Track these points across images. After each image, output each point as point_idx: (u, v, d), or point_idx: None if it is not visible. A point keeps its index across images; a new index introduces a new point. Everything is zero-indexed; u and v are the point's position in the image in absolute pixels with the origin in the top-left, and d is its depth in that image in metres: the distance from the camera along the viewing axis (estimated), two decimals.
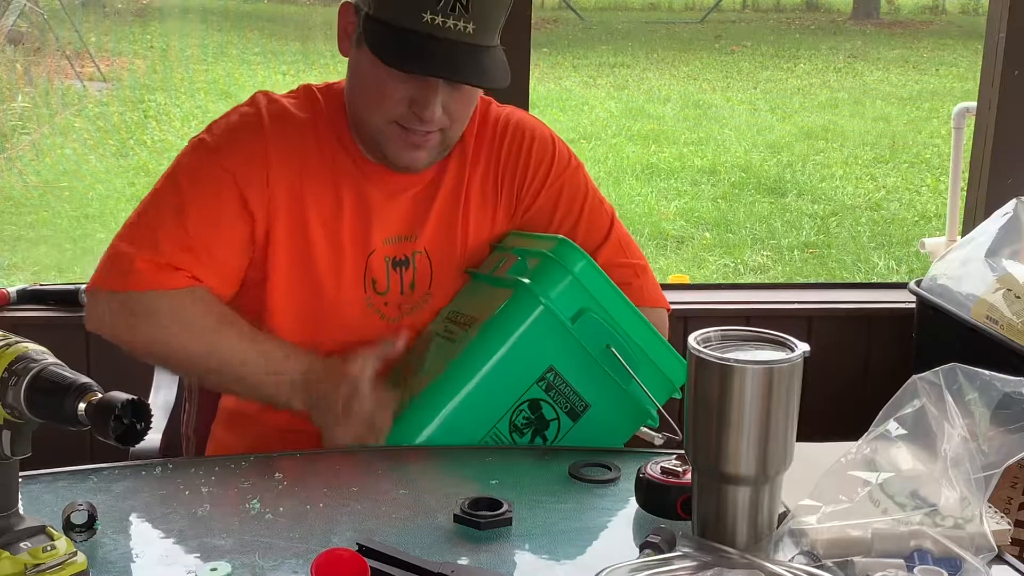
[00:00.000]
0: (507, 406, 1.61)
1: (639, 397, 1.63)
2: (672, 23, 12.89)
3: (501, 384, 1.60)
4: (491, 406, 1.60)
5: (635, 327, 1.64)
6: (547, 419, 1.63)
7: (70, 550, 1.14)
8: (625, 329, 1.63)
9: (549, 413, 1.63)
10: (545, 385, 1.61)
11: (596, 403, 1.64)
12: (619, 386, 1.63)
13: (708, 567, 1.19)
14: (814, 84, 10.15)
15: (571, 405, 1.63)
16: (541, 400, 1.62)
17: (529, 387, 1.61)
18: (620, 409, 1.65)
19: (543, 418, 1.63)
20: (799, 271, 6.00)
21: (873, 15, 13.52)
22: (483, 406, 1.60)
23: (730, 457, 1.23)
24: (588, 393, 1.63)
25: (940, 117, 8.76)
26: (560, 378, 1.62)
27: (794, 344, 1.24)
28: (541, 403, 1.62)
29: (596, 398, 1.64)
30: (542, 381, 1.61)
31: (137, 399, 1.05)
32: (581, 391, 1.63)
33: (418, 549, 1.25)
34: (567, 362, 1.61)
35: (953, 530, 1.22)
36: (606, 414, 1.65)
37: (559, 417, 1.63)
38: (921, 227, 6.67)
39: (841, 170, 7.67)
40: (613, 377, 1.62)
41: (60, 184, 6.68)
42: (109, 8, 10.48)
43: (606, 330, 1.62)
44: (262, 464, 1.48)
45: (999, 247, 2.51)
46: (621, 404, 1.64)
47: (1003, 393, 1.25)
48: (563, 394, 1.62)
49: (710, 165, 7.65)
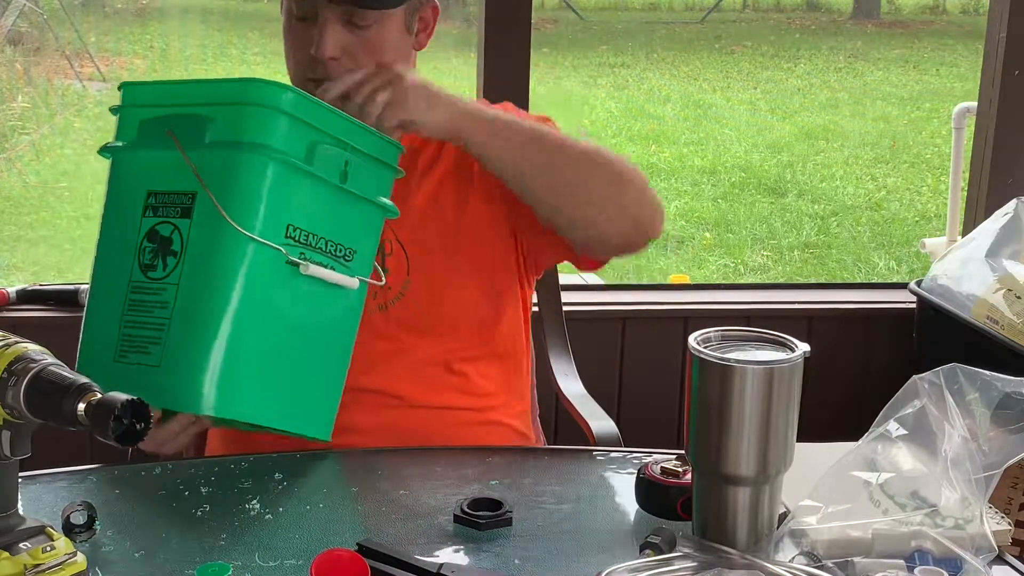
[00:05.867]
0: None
1: (380, 199, 1.48)
2: (672, 23, 12.88)
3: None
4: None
5: (356, 134, 1.44)
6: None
7: (70, 550, 1.14)
8: (351, 142, 1.43)
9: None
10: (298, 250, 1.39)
11: (346, 235, 1.45)
12: (362, 199, 1.45)
13: (708, 567, 1.19)
14: (814, 84, 10.15)
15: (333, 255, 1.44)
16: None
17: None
18: (363, 226, 1.49)
19: None
20: (799, 271, 6.00)
21: (873, 15, 13.51)
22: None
23: (730, 457, 1.23)
24: (339, 233, 1.44)
25: (940, 117, 8.76)
26: (314, 237, 1.40)
27: (794, 344, 1.24)
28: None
29: (345, 231, 1.45)
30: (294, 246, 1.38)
31: (137, 399, 1.05)
32: (335, 236, 1.43)
33: (418, 549, 1.25)
34: (312, 212, 1.40)
35: (954, 530, 1.22)
36: (356, 237, 1.47)
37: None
38: (921, 227, 6.67)
39: (841, 170, 7.68)
40: (355, 194, 1.45)
41: (60, 184, 6.68)
42: (109, 8, 10.47)
43: (339, 154, 1.42)
44: (262, 464, 1.48)
45: (999, 247, 2.51)
46: (363, 219, 1.48)
47: (1004, 393, 1.25)
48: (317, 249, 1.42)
49: (710, 165, 7.65)
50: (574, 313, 2.49)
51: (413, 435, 1.64)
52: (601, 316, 2.71)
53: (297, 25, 1.61)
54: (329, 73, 1.58)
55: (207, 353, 1.34)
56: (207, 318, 1.35)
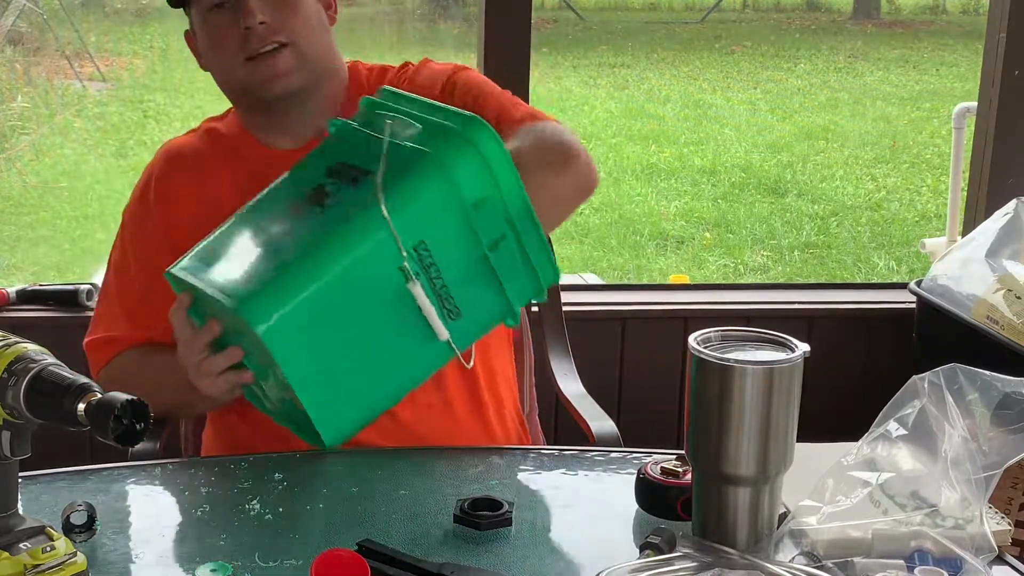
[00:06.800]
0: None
1: (511, 296, 1.48)
2: (672, 23, 12.87)
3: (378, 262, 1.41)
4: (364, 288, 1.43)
5: (526, 224, 1.46)
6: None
7: (70, 550, 1.14)
8: (518, 225, 1.45)
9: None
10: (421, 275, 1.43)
11: (464, 302, 1.46)
12: (496, 282, 1.47)
13: (708, 568, 1.19)
14: (814, 84, 10.14)
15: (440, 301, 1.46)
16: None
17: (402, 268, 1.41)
18: (482, 309, 1.49)
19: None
20: (799, 271, 6.00)
21: (873, 15, 13.50)
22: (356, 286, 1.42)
23: (730, 457, 1.23)
24: (458, 290, 1.45)
25: (940, 117, 8.75)
26: (436, 270, 1.44)
27: (794, 344, 1.24)
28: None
29: (464, 295, 1.46)
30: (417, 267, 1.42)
31: (136, 399, 1.05)
32: (453, 288, 1.45)
33: (418, 549, 1.25)
34: (450, 255, 1.43)
35: (953, 531, 1.22)
36: (474, 310, 1.48)
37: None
38: (921, 227, 6.67)
39: (841, 170, 7.67)
40: (494, 272, 1.46)
41: (59, 184, 6.67)
42: (109, 8, 10.47)
43: (499, 225, 1.44)
44: (261, 464, 1.48)
45: (999, 247, 2.52)
46: (484, 305, 1.48)
47: (1003, 393, 1.25)
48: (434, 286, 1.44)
49: (710, 165, 7.65)
50: (574, 313, 2.49)
51: (414, 435, 1.64)
52: (601, 316, 2.71)
53: (215, 15, 1.68)
54: (261, 43, 1.65)
55: (291, 293, 1.38)
56: (310, 267, 1.40)
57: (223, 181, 1.74)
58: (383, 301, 1.43)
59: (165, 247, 1.69)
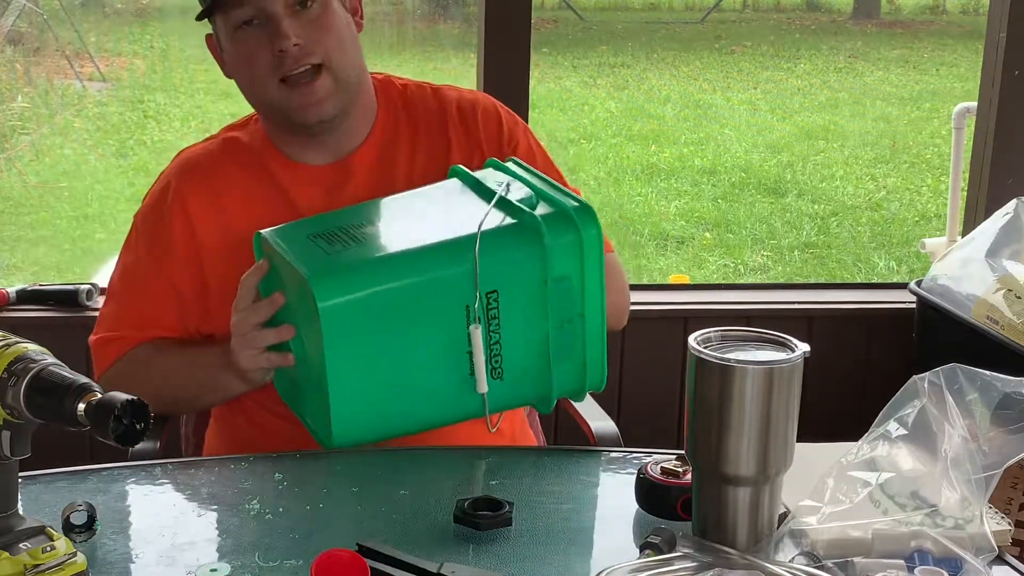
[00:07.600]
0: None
1: (555, 380, 1.53)
2: (672, 23, 12.87)
3: (447, 293, 1.46)
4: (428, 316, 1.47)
5: (595, 318, 1.53)
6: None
7: (70, 550, 1.14)
8: (587, 316, 1.52)
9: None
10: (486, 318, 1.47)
11: (511, 367, 1.50)
12: (547, 363, 1.51)
13: (708, 568, 1.19)
14: (814, 84, 10.14)
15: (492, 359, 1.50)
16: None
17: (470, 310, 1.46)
18: (524, 382, 1.52)
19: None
20: (799, 271, 6.00)
21: (873, 15, 13.50)
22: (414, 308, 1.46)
23: (730, 457, 1.23)
24: (510, 353, 1.49)
25: (940, 117, 8.76)
26: (497, 324, 1.47)
27: (794, 344, 1.24)
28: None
29: (513, 359, 1.50)
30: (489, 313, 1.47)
31: (136, 399, 1.05)
32: (506, 348, 1.49)
33: (418, 549, 1.25)
34: (515, 316, 1.48)
35: (953, 531, 1.22)
36: (516, 379, 1.51)
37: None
38: (921, 227, 6.67)
39: (841, 170, 7.67)
40: (548, 351, 1.50)
41: (60, 184, 6.67)
42: (109, 8, 10.47)
43: (571, 308, 1.50)
44: (262, 464, 1.48)
45: (999, 247, 2.51)
46: (527, 379, 1.52)
47: (1003, 393, 1.25)
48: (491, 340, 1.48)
49: (710, 165, 7.65)
50: None
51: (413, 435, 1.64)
52: None
53: (244, 32, 1.65)
54: (295, 64, 1.63)
55: (363, 283, 1.43)
56: (391, 267, 1.46)
57: (243, 194, 1.72)
58: (441, 330, 1.46)
59: (179, 258, 1.70)
